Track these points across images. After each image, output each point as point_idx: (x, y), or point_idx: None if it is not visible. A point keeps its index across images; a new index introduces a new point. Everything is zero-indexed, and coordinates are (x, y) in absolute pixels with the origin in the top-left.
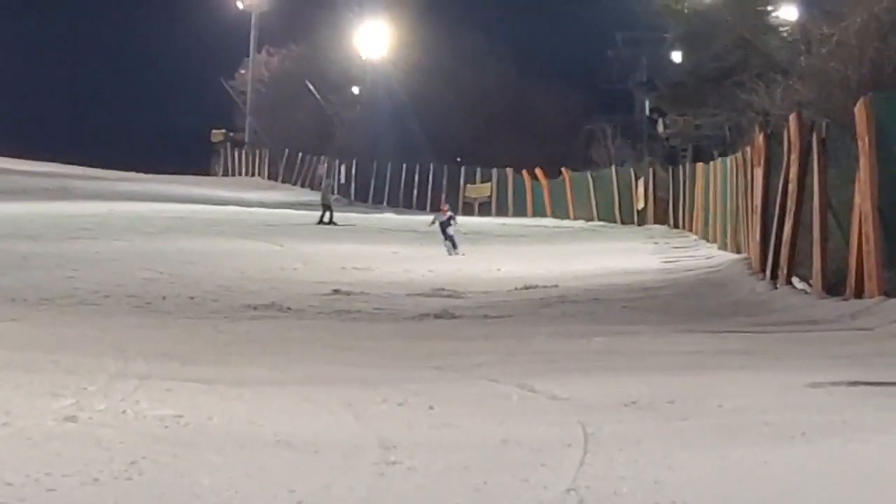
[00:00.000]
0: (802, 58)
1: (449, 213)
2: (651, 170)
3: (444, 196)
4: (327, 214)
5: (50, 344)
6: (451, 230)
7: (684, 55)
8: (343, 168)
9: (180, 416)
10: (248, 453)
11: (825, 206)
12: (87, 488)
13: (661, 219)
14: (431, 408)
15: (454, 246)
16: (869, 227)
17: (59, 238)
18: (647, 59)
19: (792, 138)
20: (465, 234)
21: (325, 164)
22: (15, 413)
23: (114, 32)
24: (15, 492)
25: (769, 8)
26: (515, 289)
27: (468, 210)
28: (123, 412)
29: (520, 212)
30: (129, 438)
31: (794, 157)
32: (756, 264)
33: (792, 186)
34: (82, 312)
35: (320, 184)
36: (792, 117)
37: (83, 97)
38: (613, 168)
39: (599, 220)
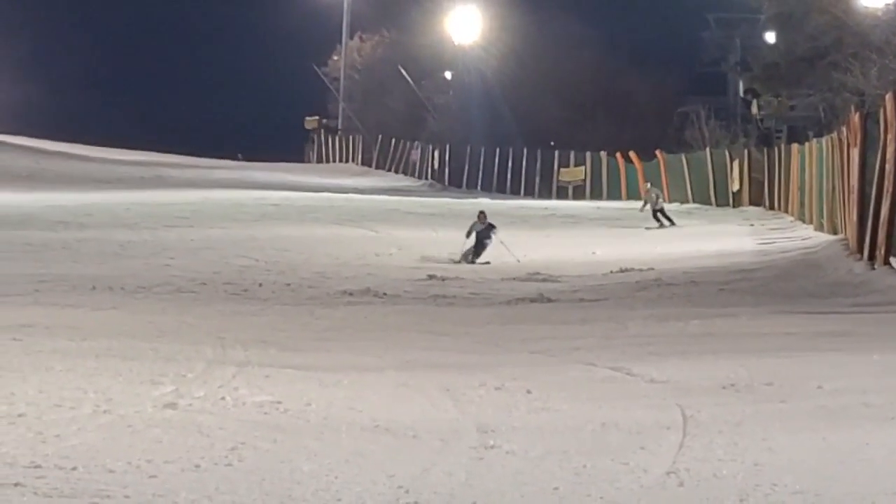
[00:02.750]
0: None
1: (487, 222)
2: (746, 151)
3: (537, 180)
4: (663, 218)
5: (148, 332)
6: (489, 242)
7: (778, 36)
8: (436, 153)
9: (279, 403)
10: (347, 439)
11: None
12: (189, 475)
13: (756, 200)
14: (529, 392)
15: (476, 254)
16: None
17: (155, 226)
18: (741, 40)
19: (888, 117)
20: (559, 218)
21: (419, 149)
22: (115, 401)
23: (207, 20)
24: (117, 479)
25: None
26: (611, 272)
27: (562, 194)
28: (222, 399)
29: (614, 195)
30: (229, 425)
31: (891, 136)
32: (853, 245)
33: (889, 166)
34: (180, 300)
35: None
36: (888, 96)
37: (177, 85)
38: (708, 150)
39: (694, 202)
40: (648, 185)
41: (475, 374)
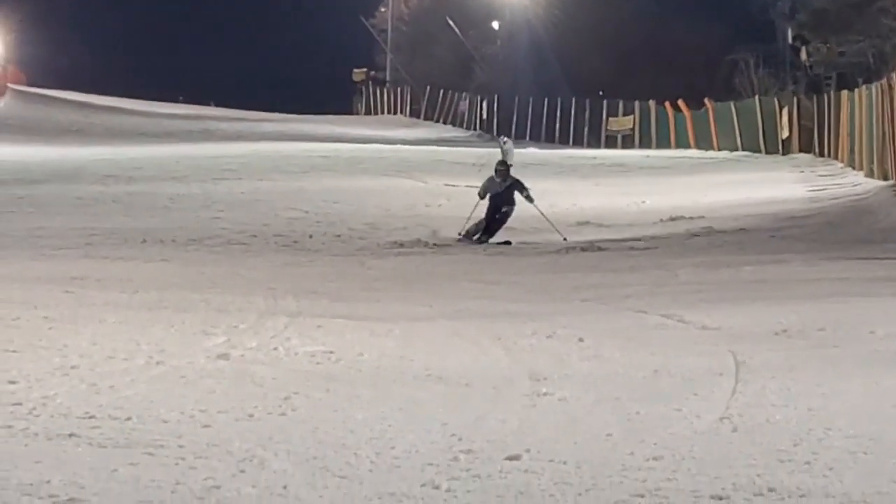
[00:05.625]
0: None
1: (512, 179)
2: (795, 98)
3: (586, 130)
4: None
5: (200, 283)
6: (509, 211)
7: None
8: (484, 104)
9: (331, 352)
10: (400, 388)
11: None
12: (242, 424)
13: (805, 148)
14: (581, 340)
15: (489, 230)
16: None
17: (204, 179)
18: None
19: None
20: (608, 167)
21: (468, 101)
22: (168, 352)
23: None
24: (171, 429)
25: None
26: (661, 220)
27: (611, 143)
28: (275, 349)
29: (663, 144)
30: (282, 375)
31: None
32: None
33: None
34: (230, 252)
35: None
36: None
37: (225, 40)
38: (757, 98)
39: (744, 150)
40: (503, 137)
41: (527, 322)
